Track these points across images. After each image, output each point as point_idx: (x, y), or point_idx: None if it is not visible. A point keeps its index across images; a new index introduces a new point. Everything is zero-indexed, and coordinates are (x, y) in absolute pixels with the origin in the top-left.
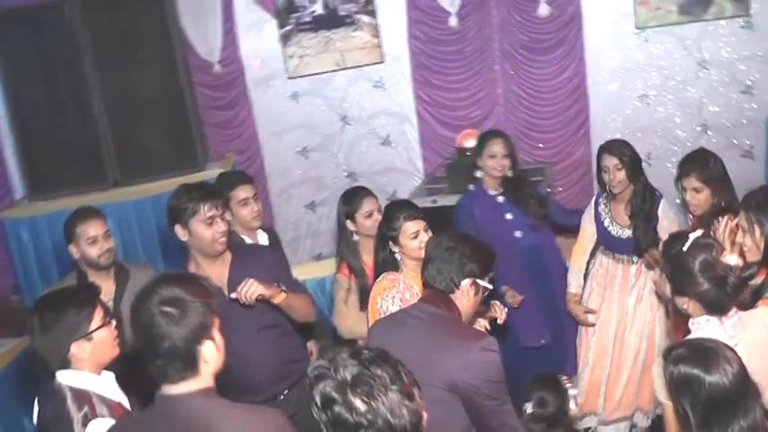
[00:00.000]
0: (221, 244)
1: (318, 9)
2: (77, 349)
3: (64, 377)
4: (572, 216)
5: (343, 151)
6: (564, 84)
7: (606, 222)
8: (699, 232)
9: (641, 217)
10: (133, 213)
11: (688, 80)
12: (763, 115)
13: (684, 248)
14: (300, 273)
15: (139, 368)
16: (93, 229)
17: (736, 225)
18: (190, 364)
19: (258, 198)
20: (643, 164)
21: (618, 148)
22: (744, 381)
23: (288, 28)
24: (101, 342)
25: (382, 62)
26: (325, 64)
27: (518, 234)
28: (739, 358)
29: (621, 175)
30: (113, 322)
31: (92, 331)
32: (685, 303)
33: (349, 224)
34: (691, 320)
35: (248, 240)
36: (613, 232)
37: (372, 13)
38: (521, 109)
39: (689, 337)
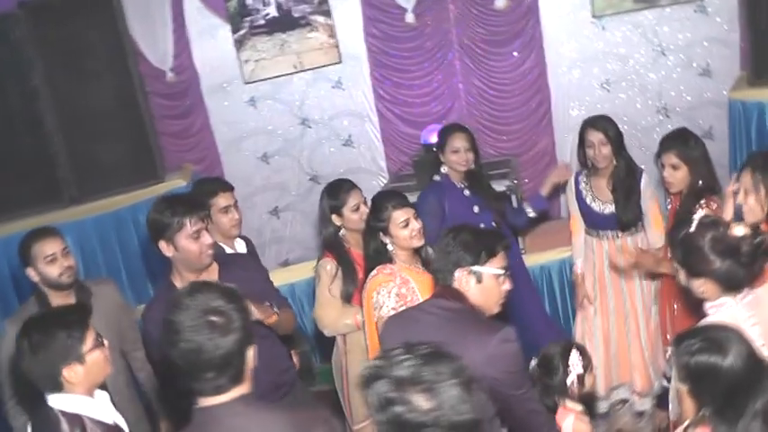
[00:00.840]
0: (209, 257)
1: (272, 12)
2: (69, 373)
3: (56, 401)
4: (519, 215)
5: (304, 155)
6: (524, 75)
7: (588, 199)
8: (702, 213)
9: (623, 191)
10: (93, 231)
11: (647, 66)
12: (721, 96)
13: (692, 230)
14: None
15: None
16: (49, 247)
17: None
18: (240, 372)
19: (238, 205)
20: None
21: (602, 123)
22: (757, 362)
23: (242, 32)
24: (94, 364)
25: (340, 62)
26: (281, 67)
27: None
28: (748, 339)
29: (607, 150)
30: (106, 342)
31: (84, 354)
32: (702, 286)
33: (335, 218)
34: (706, 305)
35: (227, 249)
36: (596, 209)
37: (327, 14)
38: (482, 102)
39: (703, 321)
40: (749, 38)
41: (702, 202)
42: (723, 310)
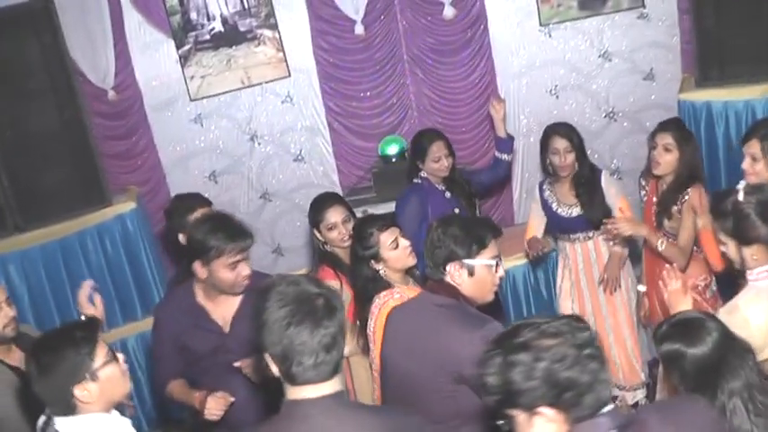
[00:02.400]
0: (241, 287)
1: (217, 26)
2: (82, 392)
3: (63, 425)
4: (496, 167)
5: (254, 172)
6: (474, 84)
7: (554, 206)
8: (743, 183)
9: (587, 194)
10: (39, 260)
11: (593, 72)
12: (664, 98)
13: (740, 198)
14: None
15: None
16: None
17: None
18: (340, 361)
19: None
20: None
21: (566, 130)
22: (726, 346)
23: (186, 47)
24: (109, 380)
25: (289, 76)
26: (228, 83)
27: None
28: (721, 325)
29: (572, 157)
30: (121, 356)
31: (96, 370)
32: (755, 254)
33: (316, 233)
34: (754, 272)
35: None
36: (563, 214)
37: (274, 27)
38: (434, 112)
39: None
40: (696, 42)
41: (689, 189)
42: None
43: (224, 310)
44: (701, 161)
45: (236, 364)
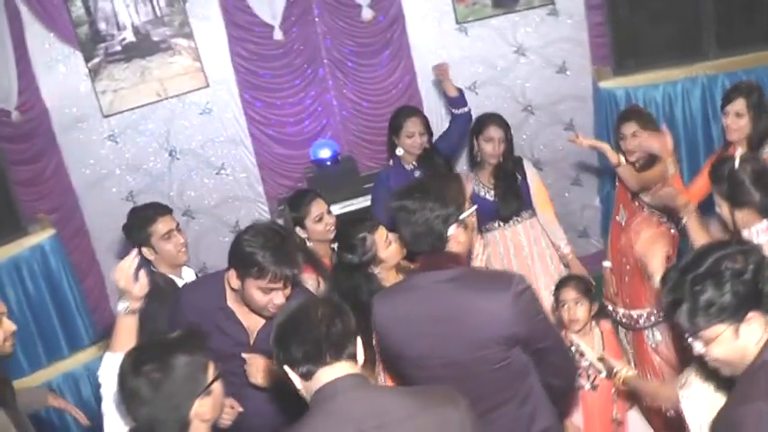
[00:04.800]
0: (269, 313)
1: (128, 36)
2: (201, 407)
3: None
4: (458, 121)
5: (174, 189)
6: (395, 84)
7: (482, 192)
8: (740, 151)
9: (503, 186)
10: None
11: (509, 67)
12: (577, 90)
13: (736, 165)
14: None
15: None
16: None
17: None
18: (349, 344)
19: (182, 229)
20: None
21: (502, 122)
22: None
23: (96, 60)
24: (217, 398)
25: (207, 86)
26: (143, 96)
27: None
28: None
29: (503, 147)
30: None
31: (210, 383)
32: (744, 216)
33: (299, 231)
34: (744, 232)
35: (177, 280)
36: (488, 196)
37: (189, 36)
38: (357, 115)
39: None
40: (611, 32)
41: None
42: (762, 234)
43: (252, 321)
44: None
45: (245, 356)
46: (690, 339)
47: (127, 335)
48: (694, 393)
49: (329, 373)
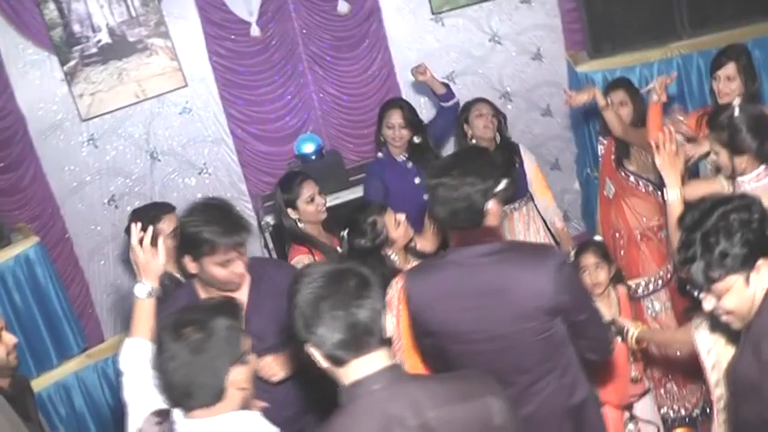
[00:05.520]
0: (236, 284)
1: (104, 38)
2: (237, 376)
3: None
4: (444, 114)
5: (156, 191)
6: (374, 77)
7: None
8: (738, 100)
9: (505, 166)
10: None
11: (485, 56)
12: (552, 76)
13: (735, 114)
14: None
15: None
16: None
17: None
18: (384, 334)
19: None
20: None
21: (487, 101)
22: None
23: (72, 63)
24: (251, 369)
25: (186, 86)
26: (122, 98)
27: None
28: None
29: (494, 123)
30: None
31: (246, 352)
32: (743, 163)
33: (291, 212)
34: (743, 178)
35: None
36: None
37: (166, 35)
38: (337, 109)
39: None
40: (586, 17)
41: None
42: (764, 181)
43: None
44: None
45: (267, 360)
46: (702, 295)
47: (147, 319)
48: (708, 335)
49: (365, 366)
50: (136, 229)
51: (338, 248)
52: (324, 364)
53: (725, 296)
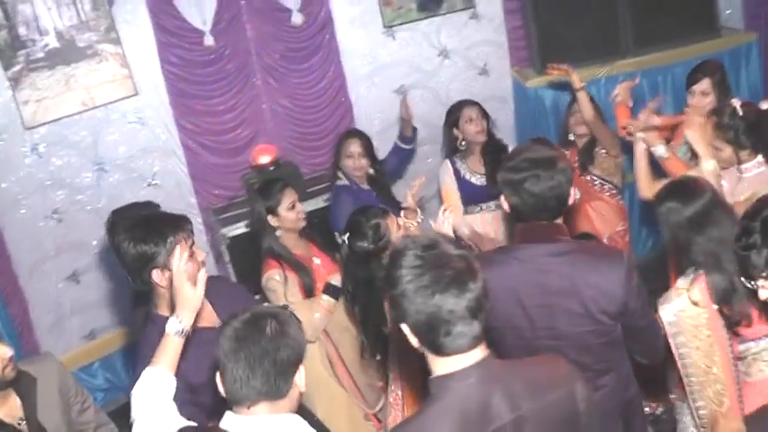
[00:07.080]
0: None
1: (51, 42)
2: (299, 376)
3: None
4: (397, 153)
5: (102, 203)
6: (326, 89)
7: (468, 176)
8: (738, 100)
9: (492, 163)
10: None
11: (434, 70)
12: (498, 90)
13: (740, 113)
14: (73, 360)
15: None
16: None
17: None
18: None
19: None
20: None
21: (472, 101)
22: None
23: (16, 68)
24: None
25: (136, 94)
26: (69, 105)
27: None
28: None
29: (484, 123)
30: None
31: None
32: (745, 155)
33: (271, 220)
34: (744, 166)
35: None
36: (476, 182)
37: (117, 41)
38: (289, 121)
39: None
40: (535, 33)
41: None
42: (760, 168)
43: (207, 316)
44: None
45: None
46: (760, 283)
47: (173, 354)
48: (672, 308)
49: (461, 360)
50: (181, 250)
51: (314, 257)
52: (416, 344)
53: None
